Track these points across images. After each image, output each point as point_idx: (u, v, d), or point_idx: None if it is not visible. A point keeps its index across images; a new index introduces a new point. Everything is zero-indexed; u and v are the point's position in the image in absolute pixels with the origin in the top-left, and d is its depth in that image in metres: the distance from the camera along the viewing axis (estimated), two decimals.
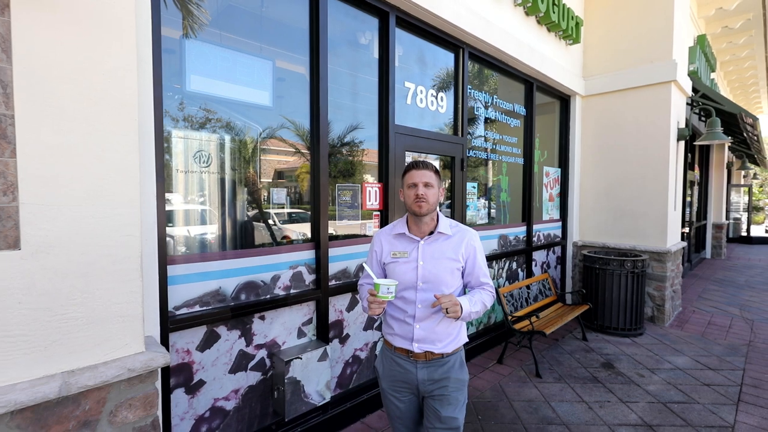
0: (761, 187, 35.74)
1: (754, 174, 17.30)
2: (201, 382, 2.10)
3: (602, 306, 4.62)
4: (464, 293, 1.73)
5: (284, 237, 2.55)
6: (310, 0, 2.56)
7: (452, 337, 1.67)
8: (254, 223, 2.41)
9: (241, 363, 2.25)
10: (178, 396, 2.02)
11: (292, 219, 2.62)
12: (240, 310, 2.20)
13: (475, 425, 2.76)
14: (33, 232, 1.32)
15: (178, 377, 2.01)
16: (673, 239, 5.10)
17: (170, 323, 1.92)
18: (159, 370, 1.60)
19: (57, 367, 1.37)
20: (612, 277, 4.57)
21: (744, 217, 14.74)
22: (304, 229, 2.62)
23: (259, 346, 2.33)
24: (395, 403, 1.73)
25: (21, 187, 1.30)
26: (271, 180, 2.49)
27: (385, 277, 1.74)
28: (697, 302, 6.10)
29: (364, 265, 1.73)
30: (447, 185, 3.68)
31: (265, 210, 2.47)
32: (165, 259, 1.89)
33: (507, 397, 3.17)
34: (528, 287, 4.49)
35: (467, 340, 1.76)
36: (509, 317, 3.80)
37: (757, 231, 17.72)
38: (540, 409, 3.00)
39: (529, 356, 3.87)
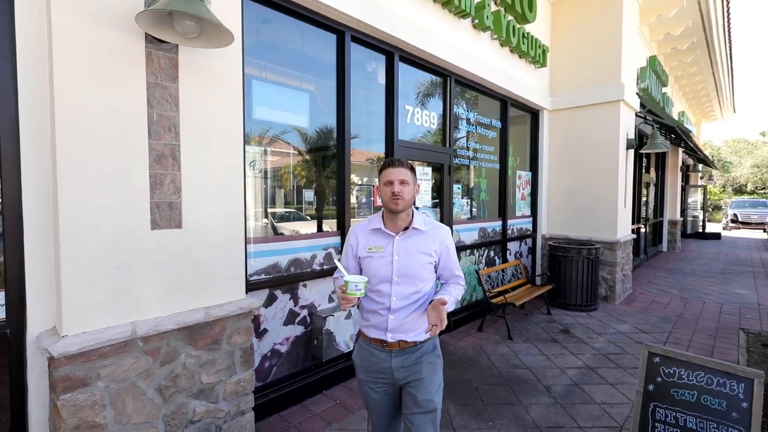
0: (723, 188, 38.18)
1: (710, 176, 18.85)
2: (265, 330, 2.88)
3: (564, 286, 5.56)
4: (436, 285, 1.83)
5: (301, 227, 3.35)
6: (337, 44, 3.36)
7: (424, 327, 1.70)
8: (297, 215, 3.21)
9: (290, 318, 3.05)
10: (252, 338, 2.79)
11: (322, 213, 3.42)
12: (290, 279, 3.00)
13: (461, 371, 3.62)
14: (188, 218, 2.09)
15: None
16: (623, 232, 6.10)
17: (248, 285, 2.69)
18: (253, 311, 2.38)
19: (200, 303, 2.15)
20: (571, 262, 5.52)
21: (701, 214, 16.19)
22: (331, 221, 3.42)
23: (302, 307, 3.13)
24: (371, 395, 1.76)
25: (183, 189, 2.07)
26: (305, 183, 3.29)
27: (361, 271, 1.77)
28: (647, 286, 7.16)
29: (336, 262, 1.73)
30: (436, 187, 4.53)
31: (302, 206, 3.27)
32: (246, 240, 2.67)
33: (485, 352, 4.05)
34: (503, 271, 5.40)
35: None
36: (487, 294, 4.69)
37: (714, 228, 19.36)
38: (510, 359, 3.89)
39: (504, 326, 4.76)
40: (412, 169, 1.71)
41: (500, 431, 2.71)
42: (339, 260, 1.79)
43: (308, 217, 3.33)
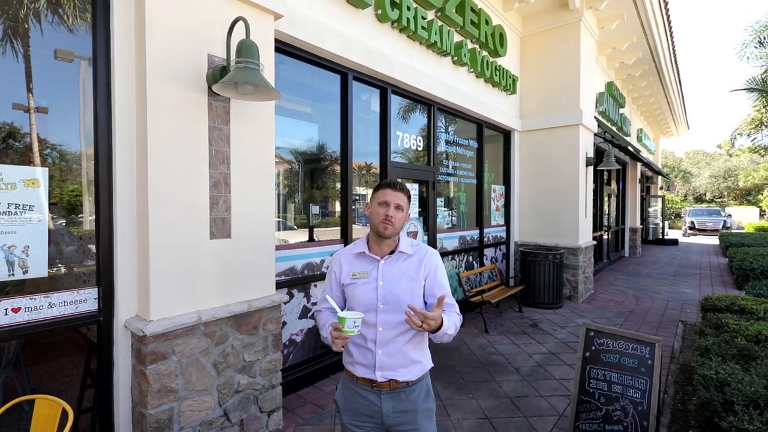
0: (684, 197, 40.65)
1: (667, 186, 20.37)
2: (284, 323, 3.45)
3: (533, 287, 6.32)
4: None
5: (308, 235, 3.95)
6: (341, 83, 4.00)
7: (416, 363, 1.60)
8: (307, 225, 3.80)
9: (304, 313, 3.62)
10: (280, 326, 3.35)
11: (328, 224, 4.03)
12: (304, 280, 3.58)
13: (445, 358, 4.26)
14: (235, 230, 2.67)
15: None
16: (584, 238, 6.92)
17: None
18: (281, 304, 2.96)
19: (244, 297, 2.71)
20: (540, 266, 6.28)
21: (661, 222, 17.53)
22: (335, 230, 4.03)
23: (313, 303, 3.71)
24: None
25: (232, 207, 2.65)
26: (314, 199, 3.90)
27: (345, 300, 1.67)
28: (607, 287, 8.02)
29: (327, 297, 1.61)
30: (422, 200, 5.20)
31: (310, 218, 3.87)
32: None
33: (465, 343, 4.71)
34: (480, 274, 6.10)
35: (432, 365, 1.68)
36: (467, 293, 5.36)
37: (674, 234, 20.86)
38: (486, 348, 4.56)
39: (481, 321, 5.44)
40: (409, 197, 1.65)
41: (478, 401, 3.36)
42: (328, 295, 1.65)
43: (313, 227, 3.93)
